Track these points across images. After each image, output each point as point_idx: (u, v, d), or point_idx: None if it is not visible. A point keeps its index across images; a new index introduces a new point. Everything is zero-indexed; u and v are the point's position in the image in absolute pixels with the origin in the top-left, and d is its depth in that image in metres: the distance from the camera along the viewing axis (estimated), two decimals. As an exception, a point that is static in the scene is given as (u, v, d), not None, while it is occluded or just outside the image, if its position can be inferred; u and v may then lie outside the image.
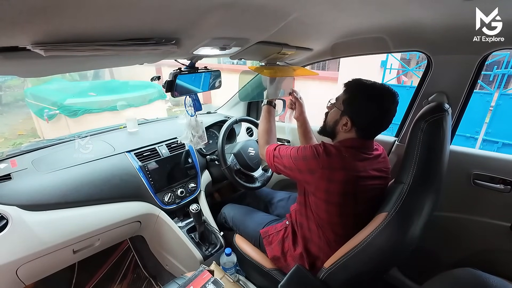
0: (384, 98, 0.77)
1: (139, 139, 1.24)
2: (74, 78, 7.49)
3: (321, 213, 0.82)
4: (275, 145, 0.95)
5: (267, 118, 1.06)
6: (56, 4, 0.33)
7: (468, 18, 0.69)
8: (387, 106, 0.77)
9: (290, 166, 0.85)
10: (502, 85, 3.47)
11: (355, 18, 0.78)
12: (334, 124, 0.85)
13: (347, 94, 0.82)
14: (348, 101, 0.81)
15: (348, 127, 0.80)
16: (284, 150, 0.89)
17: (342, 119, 0.82)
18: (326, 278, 0.75)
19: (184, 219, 1.25)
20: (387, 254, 0.67)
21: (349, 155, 0.78)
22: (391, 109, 0.78)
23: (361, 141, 0.82)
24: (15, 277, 0.86)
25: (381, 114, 0.78)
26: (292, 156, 0.84)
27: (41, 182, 0.91)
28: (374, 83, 0.80)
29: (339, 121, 0.83)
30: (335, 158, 0.77)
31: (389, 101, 0.77)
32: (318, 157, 0.78)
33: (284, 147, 0.91)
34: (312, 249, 0.89)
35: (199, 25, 0.55)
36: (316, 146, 0.80)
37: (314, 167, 0.78)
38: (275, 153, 0.91)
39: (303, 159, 0.81)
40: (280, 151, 0.90)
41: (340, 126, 0.83)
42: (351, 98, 0.81)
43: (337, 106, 0.84)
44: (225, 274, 0.91)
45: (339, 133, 0.85)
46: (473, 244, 1.09)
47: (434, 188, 0.68)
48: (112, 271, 1.41)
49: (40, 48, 0.40)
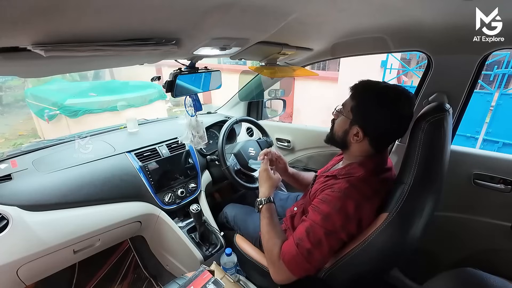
0: (400, 104, 0.68)
1: (140, 139, 1.24)
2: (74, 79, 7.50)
3: None
4: (288, 242, 0.72)
5: (265, 221, 0.80)
6: (56, 5, 0.33)
7: (468, 18, 0.69)
8: (402, 111, 0.69)
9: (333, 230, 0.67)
10: (503, 85, 3.46)
11: (355, 18, 0.78)
12: (344, 134, 0.76)
13: (355, 100, 0.73)
14: (358, 108, 0.72)
15: (359, 137, 0.72)
16: (310, 235, 0.68)
17: (352, 129, 0.73)
18: (326, 277, 0.75)
19: (185, 219, 1.25)
20: (388, 254, 0.67)
21: (380, 187, 0.71)
22: (408, 115, 0.70)
23: (379, 156, 0.75)
24: (16, 277, 0.86)
25: (396, 122, 0.69)
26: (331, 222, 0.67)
27: (42, 182, 0.91)
28: (386, 85, 0.71)
29: (348, 131, 0.74)
30: (375, 199, 0.70)
31: (405, 106, 0.69)
32: (362, 207, 0.68)
33: (305, 233, 0.69)
34: None
35: (199, 25, 0.55)
36: (347, 194, 0.68)
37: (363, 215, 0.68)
38: (300, 245, 0.68)
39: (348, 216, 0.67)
40: (305, 238, 0.68)
41: (350, 137, 0.74)
42: (361, 105, 0.71)
43: (345, 114, 0.75)
44: (225, 274, 0.91)
45: (352, 145, 0.76)
46: (474, 244, 1.08)
47: (435, 188, 0.68)
48: (112, 271, 1.41)
49: (40, 49, 0.41)
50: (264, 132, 1.49)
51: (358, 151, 0.77)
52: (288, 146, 1.64)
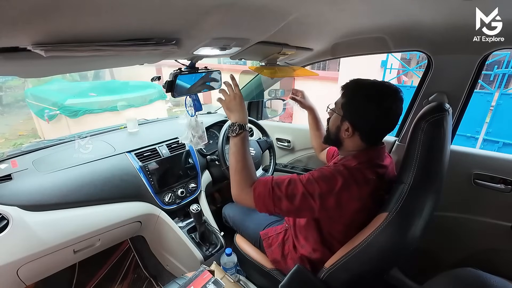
0: (384, 97, 0.72)
1: (140, 139, 1.24)
2: (74, 79, 7.51)
3: (329, 229, 0.80)
4: (267, 178, 0.74)
5: (242, 150, 0.81)
6: (56, 5, 0.33)
7: (468, 18, 0.69)
8: (389, 104, 0.71)
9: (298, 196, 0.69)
10: (503, 84, 3.47)
11: (355, 18, 0.78)
12: (337, 131, 0.80)
13: (345, 97, 0.77)
14: (347, 104, 0.76)
15: (350, 132, 0.75)
16: (290, 186, 0.71)
17: (343, 125, 0.77)
18: (326, 278, 0.75)
19: (185, 219, 1.26)
20: (388, 254, 0.67)
21: (372, 177, 0.72)
22: (394, 107, 0.72)
23: (373, 151, 0.77)
24: (16, 277, 0.86)
25: (383, 115, 0.72)
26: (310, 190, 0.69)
27: (42, 182, 0.91)
28: (373, 81, 0.75)
29: (340, 127, 0.78)
30: (363, 186, 0.71)
31: (390, 99, 0.72)
32: (349, 187, 0.69)
33: (287, 182, 0.72)
34: (313, 251, 0.89)
35: (199, 25, 0.55)
36: (340, 171, 0.71)
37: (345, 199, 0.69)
38: (276, 188, 0.71)
39: (330, 190, 0.69)
40: (284, 186, 0.71)
41: (342, 133, 0.78)
42: (349, 101, 0.76)
43: (336, 111, 0.79)
44: (225, 274, 0.91)
45: (344, 141, 0.79)
46: (474, 243, 1.08)
47: (435, 188, 0.68)
48: (112, 271, 1.41)
49: (40, 49, 0.41)
50: (264, 132, 1.49)
51: (351, 146, 0.80)
52: (288, 146, 1.64)
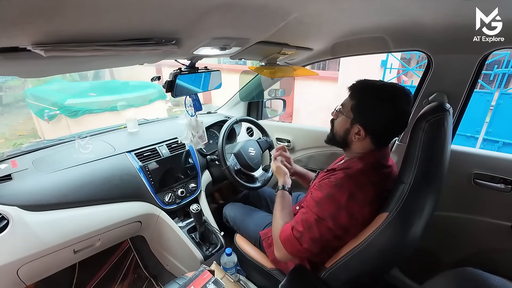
0: (397, 100, 0.71)
1: (140, 139, 1.24)
2: (74, 79, 7.49)
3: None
4: (288, 224, 0.77)
5: (279, 202, 0.87)
6: (56, 5, 0.33)
7: (468, 18, 0.69)
8: (402, 108, 0.71)
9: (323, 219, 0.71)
10: (503, 84, 3.46)
11: (355, 17, 0.78)
12: (345, 133, 0.78)
13: (355, 99, 0.75)
14: (358, 107, 0.74)
15: (361, 136, 0.74)
16: (304, 219, 0.73)
17: (353, 128, 0.75)
18: (327, 277, 0.75)
19: (185, 219, 1.25)
20: (388, 254, 0.67)
21: (378, 179, 0.72)
22: (407, 110, 0.72)
23: (380, 152, 0.77)
24: (16, 277, 0.86)
25: (396, 118, 0.72)
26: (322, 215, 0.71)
27: (42, 182, 0.91)
28: (383, 83, 0.74)
29: (350, 130, 0.76)
30: (369, 188, 0.70)
31: (404, 102, 0.71)
32: (355, 197, 0.69)
33: (301, 217, 0.74)
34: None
35: (199, 25, 0.55)
36: (341, 184, 0.70)
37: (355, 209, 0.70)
38: (295, 227, 0.74)
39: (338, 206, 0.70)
40: (300, 222, 0.73)
41: (352, 136, 0.76)
42: (361, 103, 0.74)
43: (345, 113, 0.77)
44: (225, 274, 0.91)
45: (353, 143, 0.78)
46: (474, 243, 1.08)
47: (435, 188, 0.68)
48: (112, 271, 1.41)
49: (40, 49, 0.41)
50: (264, 132, 1.49)
51: (359, 149, 0.79)
52: (288, 146, 1.64)
